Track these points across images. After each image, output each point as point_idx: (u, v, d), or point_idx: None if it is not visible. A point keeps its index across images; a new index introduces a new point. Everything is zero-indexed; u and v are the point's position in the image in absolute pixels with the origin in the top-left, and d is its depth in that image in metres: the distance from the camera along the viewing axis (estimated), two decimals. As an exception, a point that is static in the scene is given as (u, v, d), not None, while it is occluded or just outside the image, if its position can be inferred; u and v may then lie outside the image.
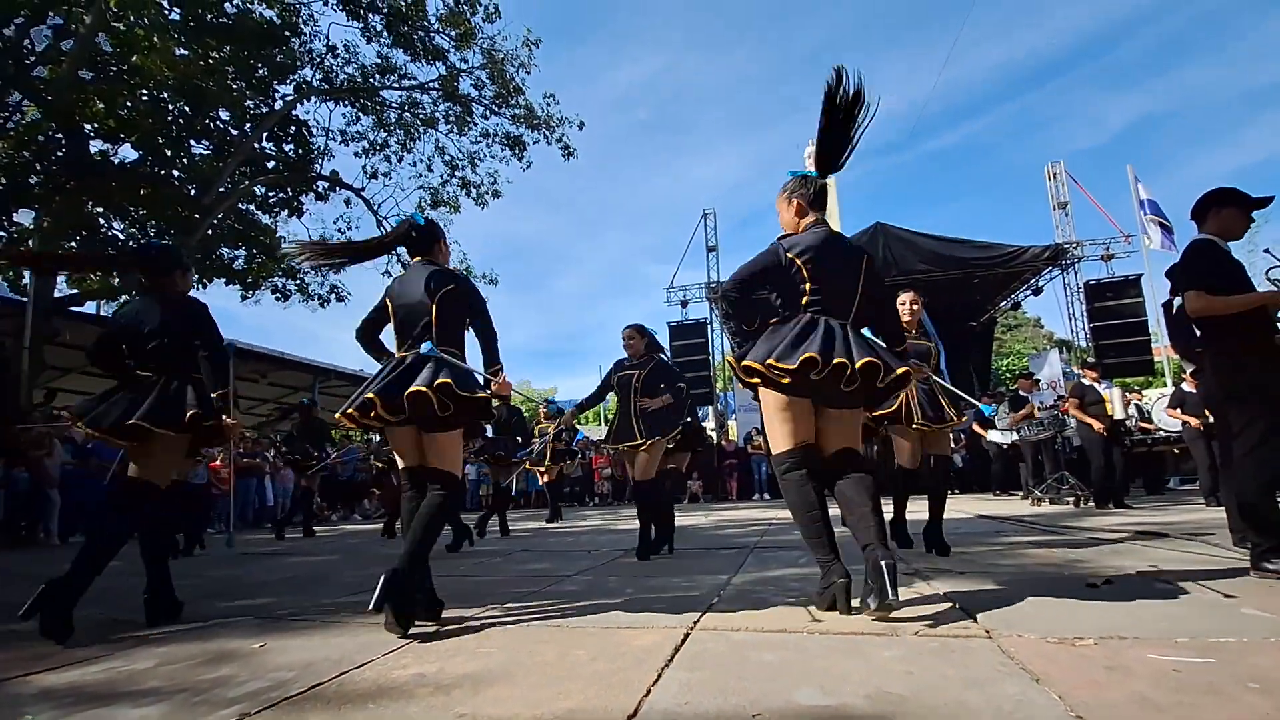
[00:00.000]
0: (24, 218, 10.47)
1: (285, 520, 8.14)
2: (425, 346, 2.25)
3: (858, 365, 2.03)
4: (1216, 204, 2.78)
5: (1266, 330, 2.59)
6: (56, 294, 10.22)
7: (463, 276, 2.56)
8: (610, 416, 4.43)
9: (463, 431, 2.46)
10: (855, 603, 2.02)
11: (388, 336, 2.57)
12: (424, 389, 2.11)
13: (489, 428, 6.64)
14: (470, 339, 2.50)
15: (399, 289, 2.47)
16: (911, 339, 3.45)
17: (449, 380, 2.13)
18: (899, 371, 2.15)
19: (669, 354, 4.88)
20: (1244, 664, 1.43)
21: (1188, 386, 6.74)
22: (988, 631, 1.76)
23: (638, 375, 4.11)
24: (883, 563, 1.89)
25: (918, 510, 3.82)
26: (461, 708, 1.33)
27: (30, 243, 10.29)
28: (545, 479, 8.70)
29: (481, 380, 2.38)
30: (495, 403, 2.42)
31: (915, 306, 3.73)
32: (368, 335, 2.60)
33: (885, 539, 2.05)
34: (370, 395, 2.19)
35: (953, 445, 11.93)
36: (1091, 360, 9.71)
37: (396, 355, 2.39)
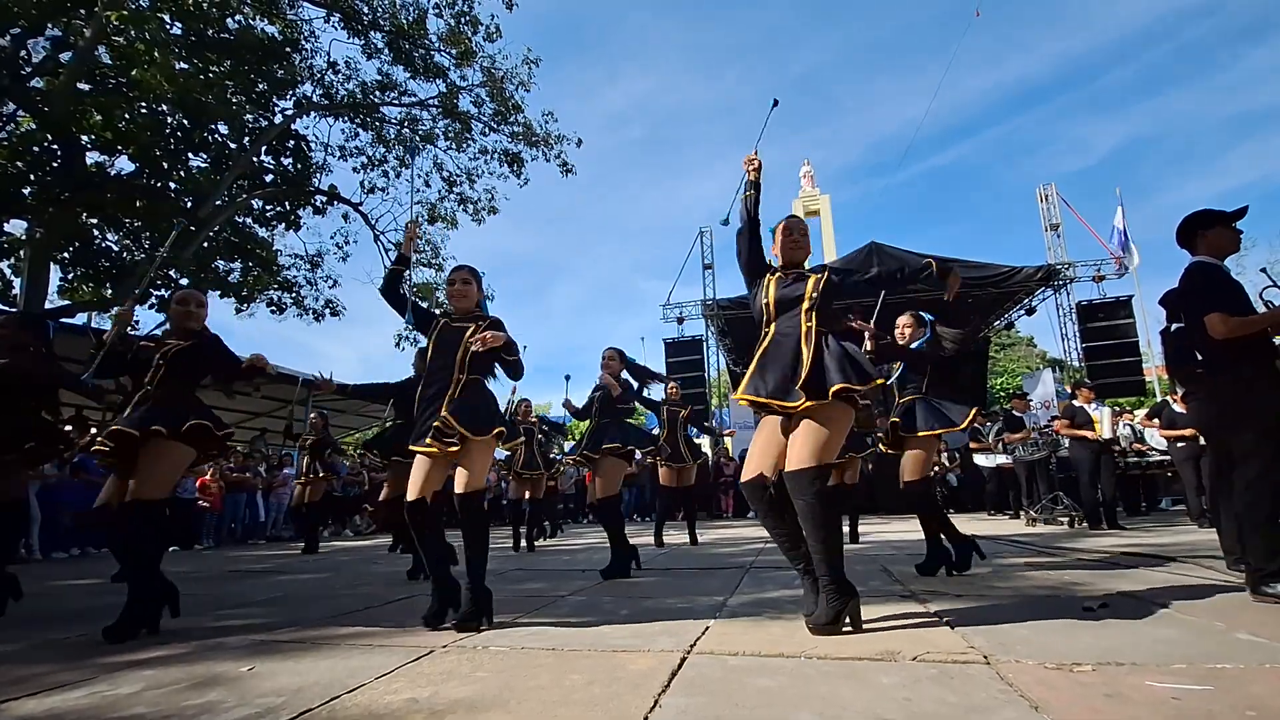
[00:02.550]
0: (16, 227, 10.44)
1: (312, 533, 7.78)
2: None
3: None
4: (1202, 227, 2.80)
5: (1269, 354, 2.60)
6: (47, 304, 10.15)
7: None
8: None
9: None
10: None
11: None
12: None
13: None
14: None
15: None
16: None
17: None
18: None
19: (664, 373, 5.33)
20: (1242, 691, 1.42)
21: (1177, 407, 6.78)
22: (985, 657, 1.75)
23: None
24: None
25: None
26: (455, 735, 1.31)
27: (22, 253, 10.24)
28: (526, 494, 6.81)
29: None
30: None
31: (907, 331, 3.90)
32: None
33: (820, 564, 2.18)
34: None
35: (947, 464, 11.96)
36: (1087, 381, 9.76)
37: None
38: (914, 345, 3.79)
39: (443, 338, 2.74)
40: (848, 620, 2.14)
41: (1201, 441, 5.67)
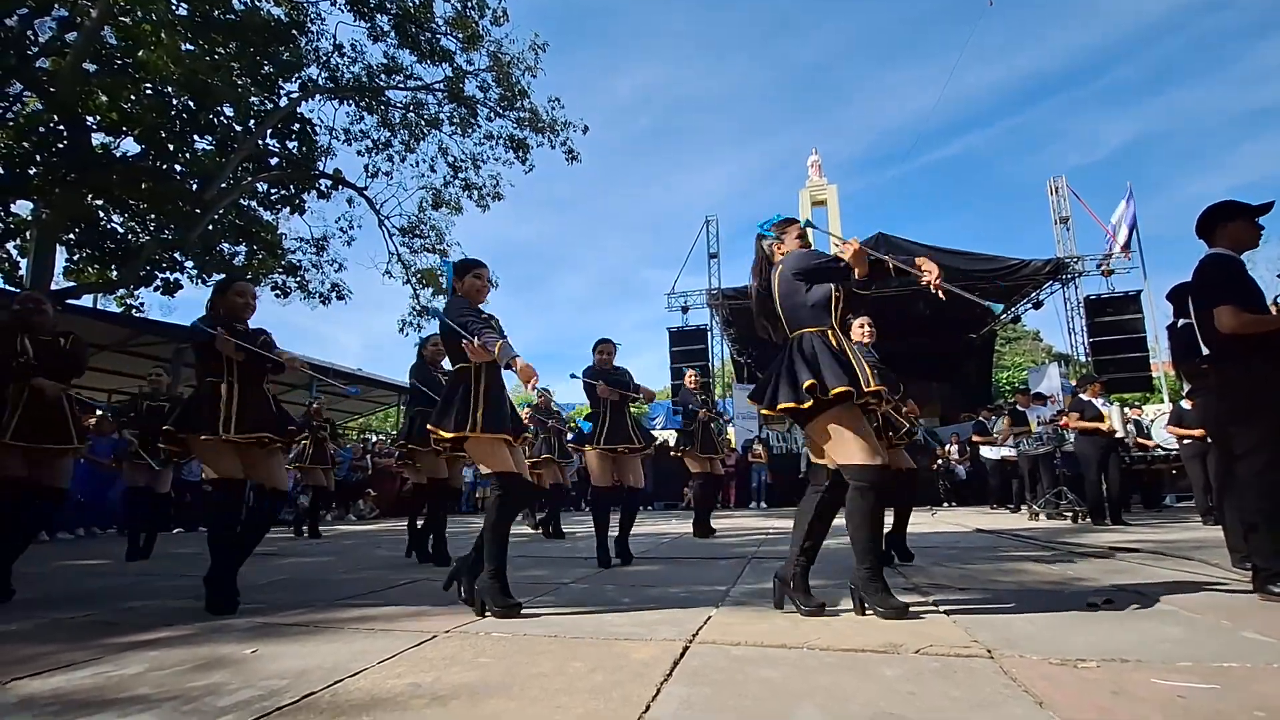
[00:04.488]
0: (22, 208, 10.45)
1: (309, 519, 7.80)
2: None
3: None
4: (1224, 219, 2.73)
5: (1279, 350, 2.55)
6: (53, 286, 10.17)
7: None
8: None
9: None
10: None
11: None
12: None
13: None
14: None
15: None
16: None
17: None
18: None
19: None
20: (1249, 691, 1.41)
21: (1187, 405, 6.73)
22: (989, 651, 1.74)
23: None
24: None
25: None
26: (457, 721, 1.31)
27: (28, 234, 10.25)
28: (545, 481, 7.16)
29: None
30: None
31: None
32: None
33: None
34: None
35: (956, 458, 11.92)
36: (1096, 376, 9.70)
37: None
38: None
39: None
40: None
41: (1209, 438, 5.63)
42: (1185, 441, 6.62)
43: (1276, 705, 1.31)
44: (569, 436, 7.53)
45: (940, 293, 2.30)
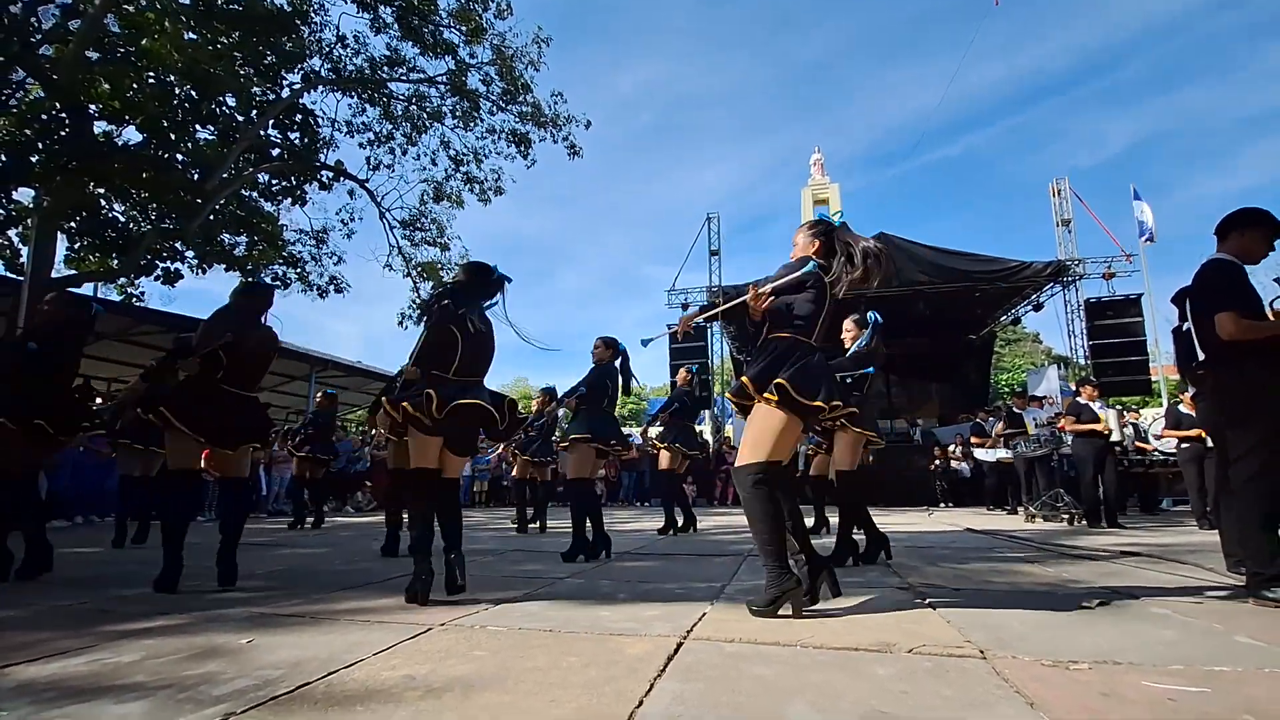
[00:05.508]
0: (23, 196, 10.42)
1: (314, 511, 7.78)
2: None
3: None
4: (1242, 225, 2.71)
5: (1277, 356, 2.55)
6: (54, 274, 10.16)
7: None
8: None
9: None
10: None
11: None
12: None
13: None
14: None
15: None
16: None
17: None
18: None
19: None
20: (1239, 694, 1.42)
21: (1184, 408, 6.75)
22: (982, 651, 1.75)
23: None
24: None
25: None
26: (452, 714, 1.31)
27: (29, 222, 10.23)
28: (532, 476, 7.14)
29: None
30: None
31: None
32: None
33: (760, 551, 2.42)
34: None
35: (961, 456, 11.92)
36: (1091, 378, 9.71)
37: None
38: (857, 345, 3.94)
39: None
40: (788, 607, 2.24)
41: (1209, 443, 5.64)
42: (1183, 445, 6.64)
43: (1265, 709, 1.32)
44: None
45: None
